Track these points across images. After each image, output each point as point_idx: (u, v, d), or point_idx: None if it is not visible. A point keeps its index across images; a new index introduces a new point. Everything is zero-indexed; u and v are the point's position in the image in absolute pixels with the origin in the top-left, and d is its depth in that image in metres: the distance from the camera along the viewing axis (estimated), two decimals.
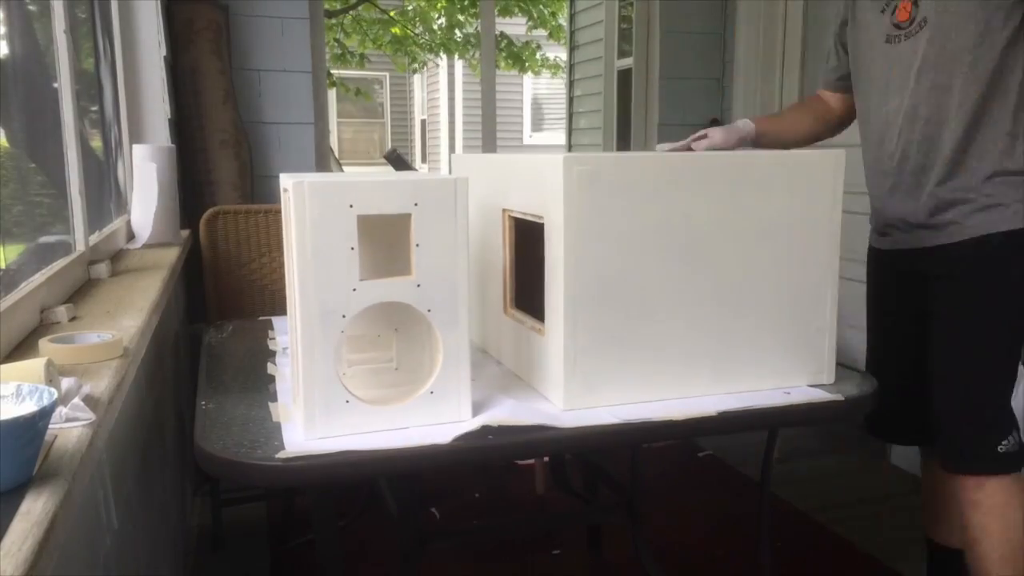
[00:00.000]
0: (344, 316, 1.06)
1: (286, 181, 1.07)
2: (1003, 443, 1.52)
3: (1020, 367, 1.58)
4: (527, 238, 1.36)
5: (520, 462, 2.73)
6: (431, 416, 1.13)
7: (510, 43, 8.93)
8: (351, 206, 1.05)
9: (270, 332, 1.72)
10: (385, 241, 1.22)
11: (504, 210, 1.37)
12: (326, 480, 1.13)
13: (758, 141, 1.71)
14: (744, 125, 1.71)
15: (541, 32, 8.95)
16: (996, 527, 1.52)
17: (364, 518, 2.38)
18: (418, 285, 1.10)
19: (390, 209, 1.07)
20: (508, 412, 1.16)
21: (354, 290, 1.06)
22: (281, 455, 1.03)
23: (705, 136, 1.64)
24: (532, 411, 1.18)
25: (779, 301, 1.30)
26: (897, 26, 1.59)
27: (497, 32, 7.86)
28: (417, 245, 1.09)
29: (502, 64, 8.88)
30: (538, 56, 9.27)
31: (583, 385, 1.20)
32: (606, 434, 1.17)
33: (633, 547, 1.98)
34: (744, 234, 1.26)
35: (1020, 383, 1.59)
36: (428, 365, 1.16)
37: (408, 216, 1.08)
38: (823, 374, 1.35)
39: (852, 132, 1.83)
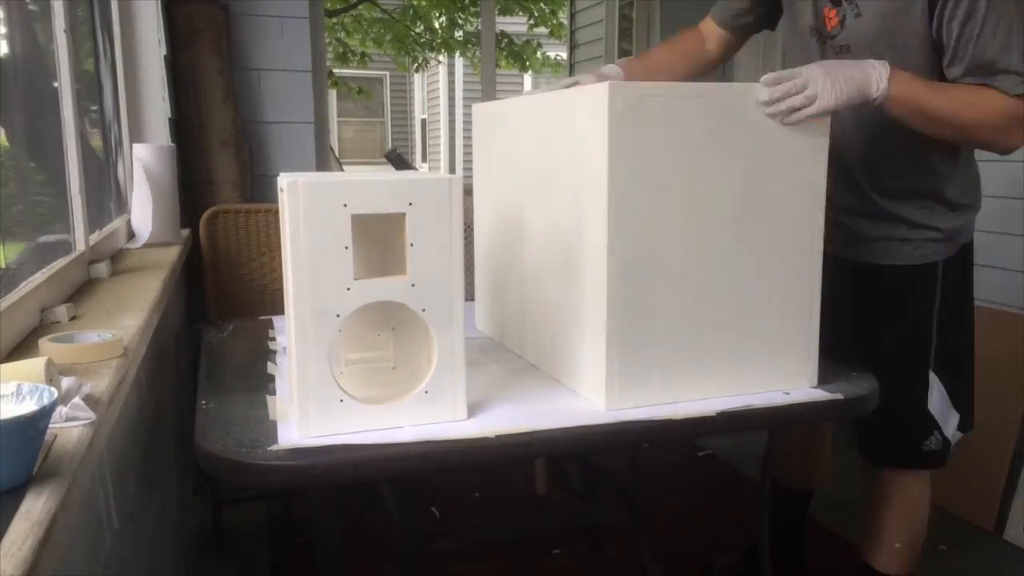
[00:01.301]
0: (338, 315, 1.06)
1: (282, 180, 1.07)
2: (927, 442, 1.67)
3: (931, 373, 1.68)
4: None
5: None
6: (425, 416, 1.13)
7: (511, 42, 8.92)
8: (345, 205, 1.05)
9: (270, 332, 1.72)
10: (380, 240, 1.21)
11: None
12: (318, 480, 1.13)
13: None
14: (612, 71, 1.68)
15: (542, 30, 8.95)
16: (901, 513, 1.73)
17: (364, 518, 2.38)
18: (412, 285, 1.09)
19: (384, 208, 1.07)
20: (507, 420, 1.16)
21: (348, 289, 1.06)
22: (272, 448, 1.03)
23: (577, 83, 1.58)
24: (529, 415, 1.18)
25: (782, 300, 1.30)
26: (819, 31, 1.57)
27: (498, 31, 7.86)
28: (411, 245, 1.09)
29: (503, 63, 8.87)
30: (539, 55, 9.25)
31: (621, 384, 1.20)
32: (605, 434, 1.17)
33: (633, 547, 1.98)
34: (758, 234, 1.26)
35: (934, 387, 1.69)
36: (425, 365, 1.16)
37: (402, 215, 1.08)
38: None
39: None
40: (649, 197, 1.17)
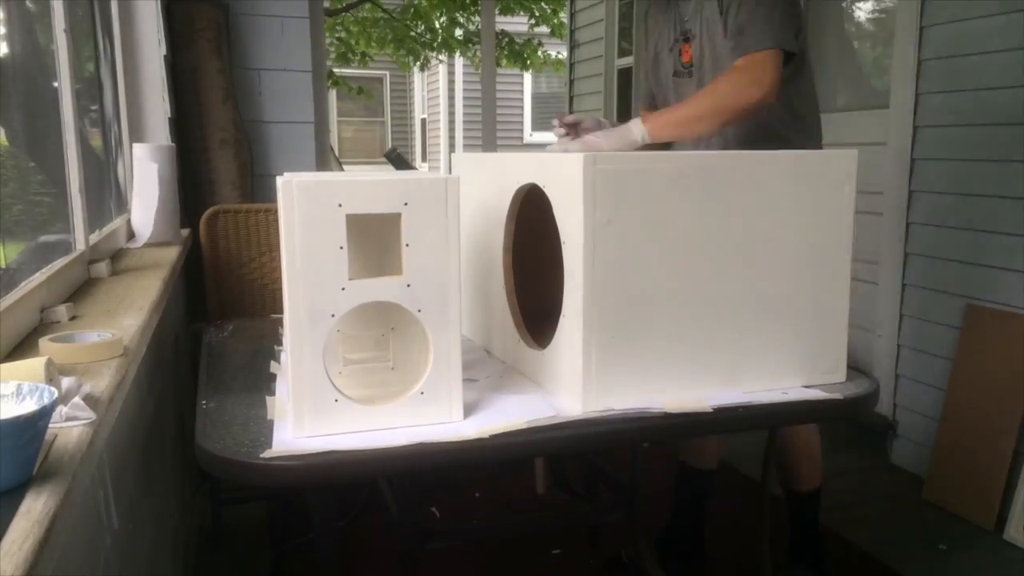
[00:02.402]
0: (333, 315, 1.06)
1: (280, 181, 1.07)
2: None
3: None
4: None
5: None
6: (421, 416, 1.12)
7: (511, 41, 8.92)
8: (340, 205, 1.04)
9: (280, 330, 1.72)
10: (377, 241, 1.21)
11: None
12: (315, 480, 1.12)
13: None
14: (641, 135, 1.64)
15: (543, 29, 8.94)
16: (801, 439, 1.98)
17: (364, 518, 2.38)
18: (408, 285, 1.09)
19: (379, 208, 1.07)
20: (503, 417, 1.16)
21: (343, 289, 1.06)
22: (266, 454, 1.03)
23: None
24: (525, 416, 1.17)
25: (791, 301, 1.29)
26: (683, 66, 1.85)
27: (498, 30, 7.86)
28: (407, 245, 1.08)
29: (504, 62, 8.86)
30: (540, 54, 9.25)
31: (597, 389, 1.19)
32: (604, 434, 1.17)
33: (633, 547, 1.97)
34: (757, 232, 1.26)
35: None
36: (423, 366, 1.15)
37: (398, 216, 1.08)
38: (834, 373, 1.35)
39: (863, 131, 1.82)
40: (630, 250, 1.17)
